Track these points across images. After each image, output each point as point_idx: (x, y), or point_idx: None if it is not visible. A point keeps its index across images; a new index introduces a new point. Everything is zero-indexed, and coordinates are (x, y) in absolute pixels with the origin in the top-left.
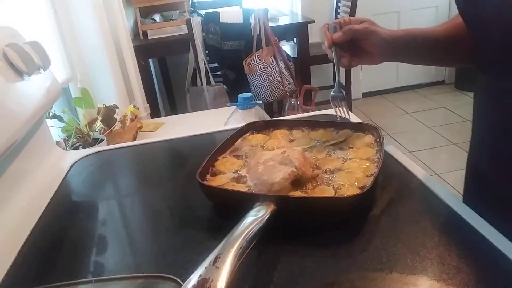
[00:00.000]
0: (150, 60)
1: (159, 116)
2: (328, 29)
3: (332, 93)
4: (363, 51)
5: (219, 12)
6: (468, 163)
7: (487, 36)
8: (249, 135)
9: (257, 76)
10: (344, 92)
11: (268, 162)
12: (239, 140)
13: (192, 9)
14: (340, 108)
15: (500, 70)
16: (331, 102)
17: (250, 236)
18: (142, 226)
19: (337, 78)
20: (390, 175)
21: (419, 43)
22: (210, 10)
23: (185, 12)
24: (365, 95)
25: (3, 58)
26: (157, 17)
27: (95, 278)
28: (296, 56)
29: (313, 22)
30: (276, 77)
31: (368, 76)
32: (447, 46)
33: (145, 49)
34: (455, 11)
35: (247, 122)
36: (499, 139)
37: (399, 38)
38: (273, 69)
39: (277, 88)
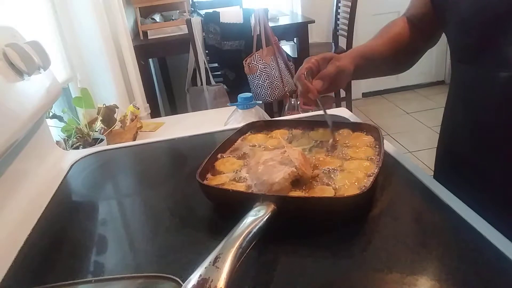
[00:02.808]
0: (150, 60)
1: (159, 116)
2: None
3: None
4: (332, 85)
5: (219, 12)
6: (439, 145)
7: (465, 28)
8: (249, 135)
9: (257, 76)
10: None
11: (268, 162)
12: (239, 140)
13: (192, 9)
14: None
15: (478, 57)
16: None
17: (250, 236)
18: (142, 226)
19: (329, 124)
20: (390, 175)
21: (371, 61)
22: (210, 10)
23: (185, 12)
24: (365, 95)
25: (3, 58)
26: (157, 17)
27: (95, 278)
28: (296, 56)
29: (313, 22)
30: (276, 77)
31: None
32: (391, 58)
33: (145, 49)
34: None
35: (247, 122)
36: (476, 121)
37: (357, 64)
38: (273, 69)
39: (277, 88)
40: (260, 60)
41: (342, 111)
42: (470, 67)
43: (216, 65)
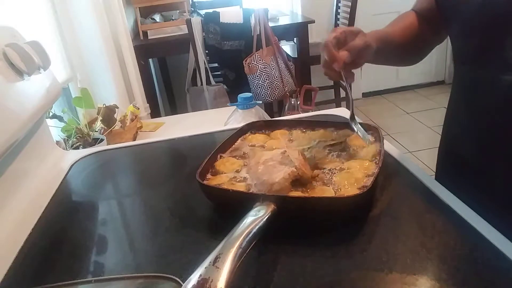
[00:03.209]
0: (150, 60)
1: (159, 116)
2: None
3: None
4: (356, 60)
5: (219, 12)
6: (441, 146)
7: (466, 28)
8: (249, 135)
9: (257, 76)
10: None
11: (268, 162)
12: (239, 140)
13: (192, 9)
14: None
15: (480, 59)
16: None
17: (250, 236)
18: (142, 226)
19: (351, 101)
20: (390, 175)
21: (386, 46)
22: (210, 10)
23: (185, 12)
24: (365, 95)
25: (3, 58)
26: (157, 17)
27: (95, 278)
28: (296, 56)
29: (313, 22)
30: (276, 77)
31: (368, 76)
32: (402, 47)
33: (145, 49)
34: None
35: (247, 122)
36: (479, 123)
37: (377, 45)
38: (273, 69)
39: (277, 88)
40: (260, 60)
41: (342, 111)
42: (472, 69)
43: (216, 65)
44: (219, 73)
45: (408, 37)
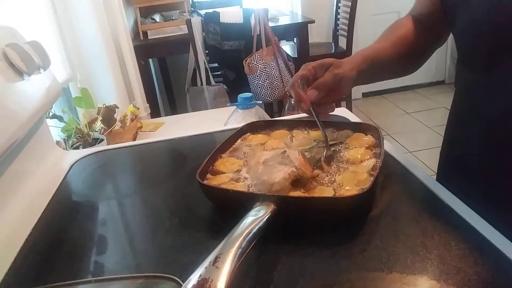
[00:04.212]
0: (150, 60)
1: (159, 116)
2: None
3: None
4: (331, 94)
5: (219, 12)
6: (443, 147)
7: (474, 29)
8: (249, 135)
9: (257, 76)
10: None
11: (268, 162)
12: (239, 140)
13: (192, 9)
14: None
15: (486, 63)
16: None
17: (250, 236)
18: (142, 226)
19: (325, 137)
20: (390, 175)
21: (376, 65)
22: (210, 10)
23: (185, 12)
24: (365, 95)
25: (3, 58)
26: (157, 17)
27: (95, 278)
28: (296, 56)
29: (313, 22)
30: (276, 77)
31: None
32: (397, 61)
33: (145, 49)
34: None
35: (247, 122)
36: (482, 124)
37: (361, 70)
38: (273, 69)
39: (277, 88)
40: (260, 60)
41: (342, 111)
42: (478, 73)
43: (216, 65)
44: (219, 73)
45: (402, 50)
